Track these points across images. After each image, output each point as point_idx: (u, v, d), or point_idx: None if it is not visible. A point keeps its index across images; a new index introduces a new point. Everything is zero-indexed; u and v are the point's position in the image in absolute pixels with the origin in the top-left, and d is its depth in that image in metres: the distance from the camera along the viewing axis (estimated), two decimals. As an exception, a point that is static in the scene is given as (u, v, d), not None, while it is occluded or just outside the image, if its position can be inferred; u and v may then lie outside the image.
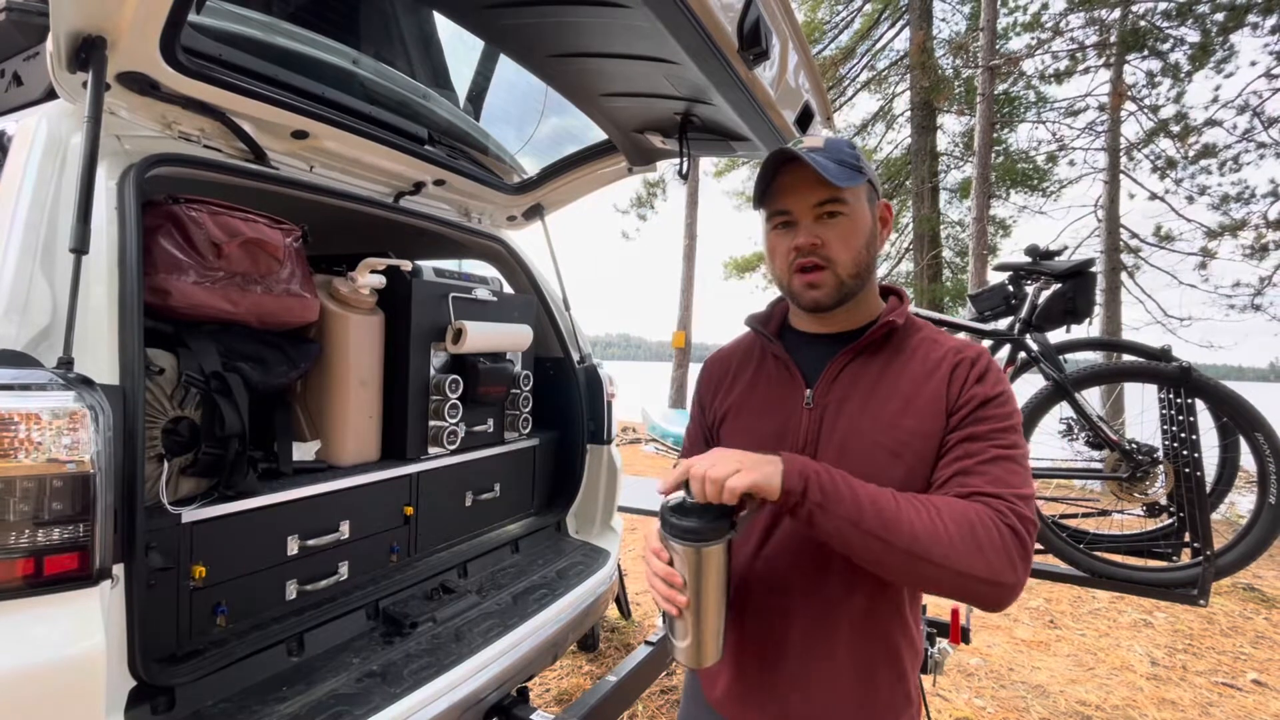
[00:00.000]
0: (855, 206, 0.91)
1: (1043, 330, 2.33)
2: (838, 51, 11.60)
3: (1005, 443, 0.83)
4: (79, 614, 0.98)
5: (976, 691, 2.83)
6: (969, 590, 0.76)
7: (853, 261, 0.91)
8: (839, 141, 0.92)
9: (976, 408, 0.85)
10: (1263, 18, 8.48)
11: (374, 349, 1.87)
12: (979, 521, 0.76)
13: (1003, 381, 0.88)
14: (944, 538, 0.74)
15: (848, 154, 0.90)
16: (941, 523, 0.75)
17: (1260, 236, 9.17)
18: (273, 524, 1.51)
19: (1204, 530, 1.94)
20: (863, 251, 0.91)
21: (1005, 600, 0.77)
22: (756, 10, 1.34)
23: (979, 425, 0.84)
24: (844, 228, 0.90)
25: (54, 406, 0.97)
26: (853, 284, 0.92)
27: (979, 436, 0.83)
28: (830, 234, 0.90)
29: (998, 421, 0.84)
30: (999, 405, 0.85)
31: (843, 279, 0.91)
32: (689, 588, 0.81)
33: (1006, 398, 0.86)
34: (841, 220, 0.90)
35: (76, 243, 1.06)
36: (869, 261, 0.93)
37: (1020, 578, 0.76)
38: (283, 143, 1.69)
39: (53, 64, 1.17)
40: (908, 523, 0.75)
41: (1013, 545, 0.76)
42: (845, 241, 0.90)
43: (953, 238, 11.80)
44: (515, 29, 1.64)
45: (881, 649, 0.90)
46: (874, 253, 0.94)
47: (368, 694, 1.39)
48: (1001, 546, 0.75)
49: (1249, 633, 3.60)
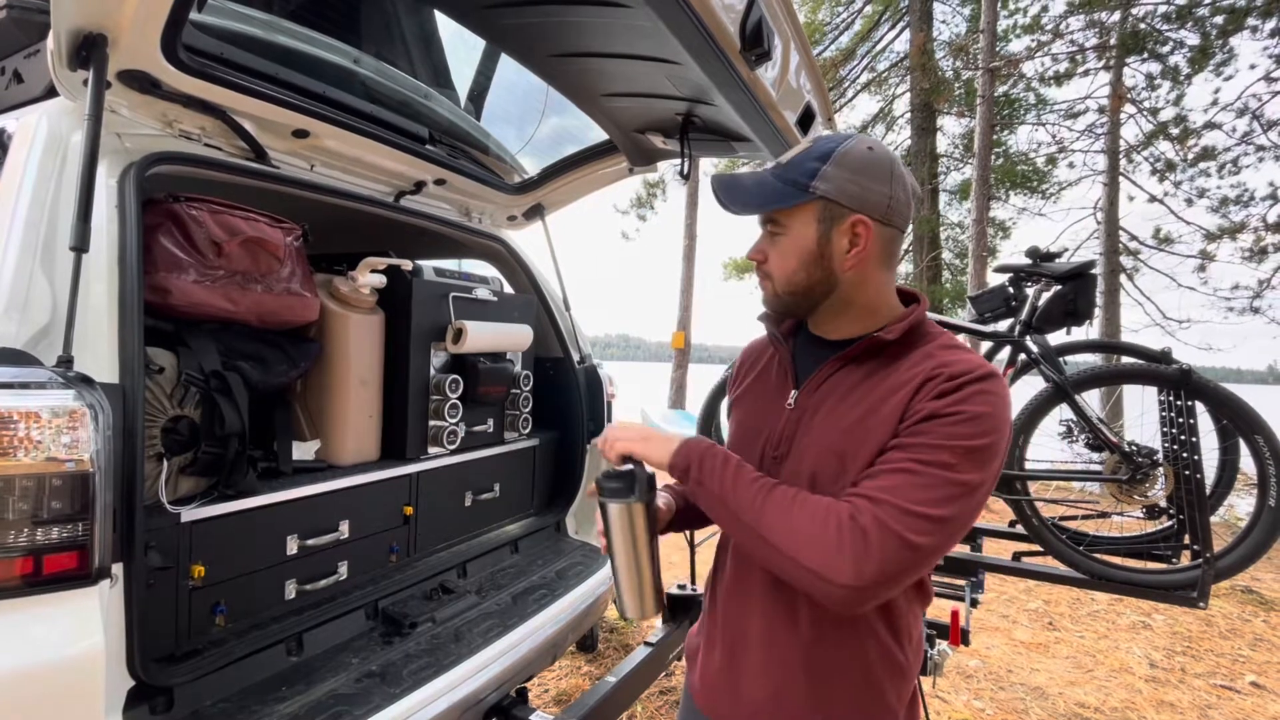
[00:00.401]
0: (791, 227, 0.91)
1: (1043, 332, 2.33)
2: (838, 53, 11.60)
3: (927, 458, 0.77)
4: (78, 613, 0.98)
5: (975, 693, 2.83)
6: (804, 581, 0.78)
7: (786, 280, 0.93)
8: (811, 153, 0.90)
9: (920, 420, 0.80)
10: (1262, 21, 8.50)
11: (374, 348, 1.87)
12: (829, 517, 0.77)
13: (972, 403, 0.79)
14: (788, 526, 0.78)
15: (805, 169, 0.88)
16: (794, 512, 0.79)
17: (1259, 239, 9.19)
18: (272, 523, 1.51)
19: (1204, 532, 1.94)
20: (799, 271, 0.91)
21: (840, 598, 0.76)
22: (759, 11, 1.34)
23: (913, 438, 0.80)
24: (781, 247, 0.93)
25: (54, 405, 0.97)
26: (790, 300, 0.94)
27: (904, 447, 0.80)
28: (772, 250, 0.94)
29: (935, 438, 0.78)
30: (948, 423, 0.78)
31: (779, 293, 0.94)
32: (605, 538, 0.95)
33: (965, 417, 0.78)
34: (780, 239, 0.93)
35: (77, 241, 1.06)
36: (810, 282, 0.91)
37: (857, 580, 0.74)
38: (284, 141, 1.69)
39: (53, 61, 1.17)
40: (766, 509, 0.80)
41: (854, 545, 0.74)
42: (781, 260, 0.93)
43: (952, 239, 11.81)
44: (517, 28, 1.64)
45: (844, 653, 0.89)
46: (821, 273, 0.91)
47: (367, 694, 1.38)
48: (839, 543, 0.75)
49: (1247, 635, 3.61)
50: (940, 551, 0.78)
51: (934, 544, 0.76)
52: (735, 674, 0.96)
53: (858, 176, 0.89)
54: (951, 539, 0.78)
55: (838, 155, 0.89)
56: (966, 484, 0.76)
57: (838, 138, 0.92)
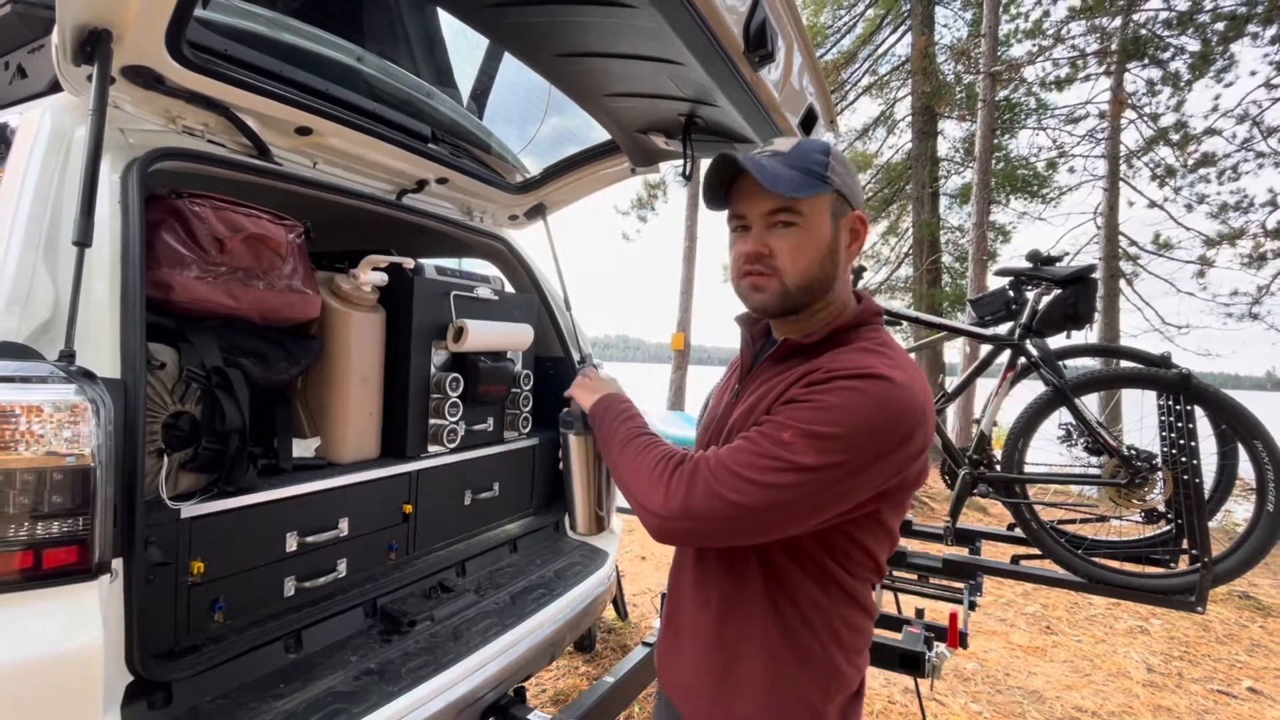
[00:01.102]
0: (811, 217, 0.88)
1: (1043, 336, 2.33)
2: (840, 56, 11.60)
3: (767, 432, 0.82)
4: (77, 608, 0.98)
5: (973, 696, 2.83)
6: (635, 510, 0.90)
7: (801, 274, 0.89)
8: (811, 146, 0.90)
9: (781, 404, 0.85)
10: (1263, 28, 8.53)
11: (375, 346, 1.87)
12: (667, 461, 0.89)
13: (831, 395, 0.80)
14: (636, 464, 0.92)
15: (816, 160, 0.88)
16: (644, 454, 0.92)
17: (1258, 245, 9.20)
18: (272, 520, 1.50)
19: (1202, 537, 1.94)
20: (815, 265, 0.89)
21: (650, 524, 0.87)
22: (763, 12, 1.35)
23: (769, 417, 0.85)
24: (795, 239, 0.89)
25: (55, 399, 0.97)
26: (800, 295, 0.91)
27: (760, 423, 0.86)
28: (780, 244, 0.89)
29: (783, 417, 0.82)
30: (799, 408, 0.81)
31: (789, 289, 0.90)
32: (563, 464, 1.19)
33: (817, 405, 0.80)
34: (794, 230, 0.89)
35: (80, 236, 1.06)
36: (822, 276, 0.91)
37: (663, 509, 0.85)
38: (286, 139, 1.69)
39: (58, 57, 1.17)
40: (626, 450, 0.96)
41: (673, 482, 0.85)
42: (795, 253, 0.89)
43: (952, 243, 11.81)
44: (522, 28, 1.64)
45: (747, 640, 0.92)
46: (831, 267, 0.91)
47: (365, 692, 1.38)
48: (663, 479, 0.86)
49: (1245, 640, 3.61)
50: (760, 516, 0.81)
51: (751, 505, 0.80)
52: (677, 648, 1.03)
53: (850, 174, 0.92)
54: (776, 509, 0.80)
55: (834, 151, 0.91)
56: (798, 464, 0.78)
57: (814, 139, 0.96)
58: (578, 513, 1.19)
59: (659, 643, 1.11)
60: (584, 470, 1.16)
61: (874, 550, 0.91)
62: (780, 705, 0.90)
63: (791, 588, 0.90)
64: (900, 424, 0.80)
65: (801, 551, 0.89)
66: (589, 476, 1.16)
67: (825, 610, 0.90)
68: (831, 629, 0.91)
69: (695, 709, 0.97)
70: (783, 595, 0.90)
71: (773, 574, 0.91)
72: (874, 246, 12.83)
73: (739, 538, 0.86)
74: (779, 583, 0.91)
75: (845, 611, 0.92)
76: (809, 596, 0.90)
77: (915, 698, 2.38)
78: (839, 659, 0.91)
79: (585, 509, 1.18)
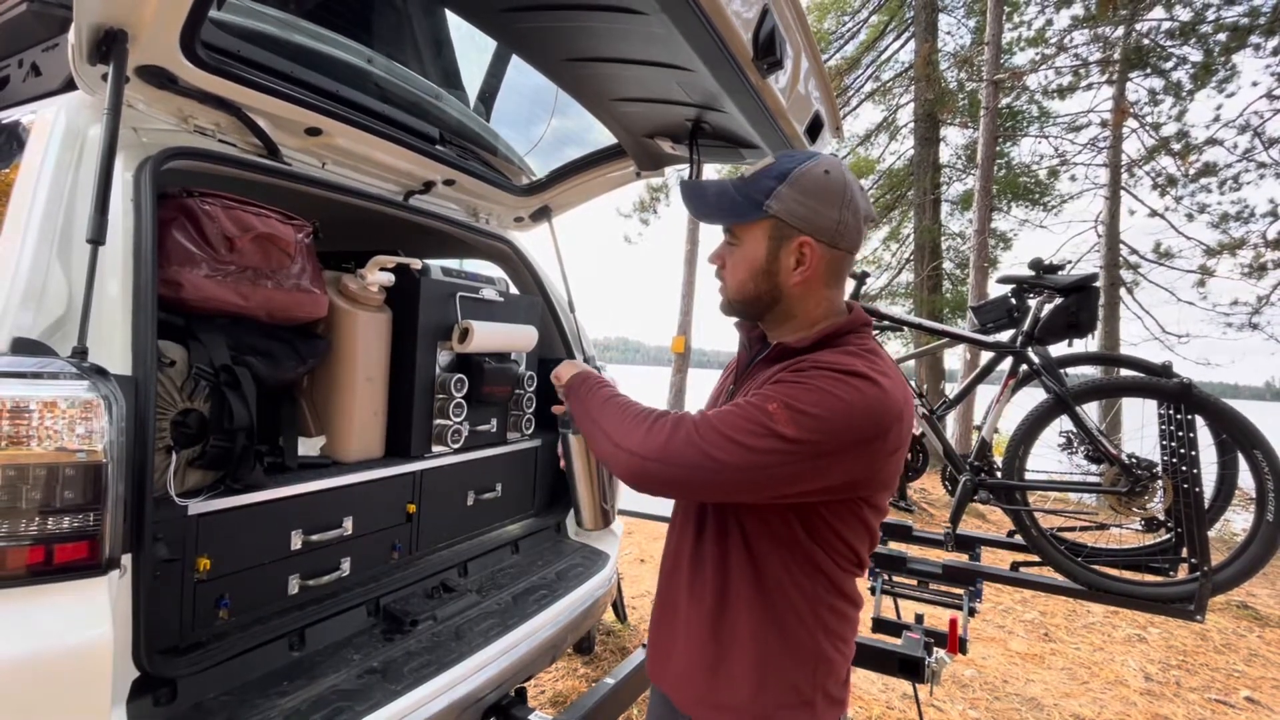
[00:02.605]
0: (745, 241, 0.99)
1: (1045, 344, 2.34)
2: (843, 62, 11.63)
3: (754, 401, 0.86)
4: (87, 603, 0.99)
5: (971, 703, 2.84)
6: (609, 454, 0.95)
7: (737, 289, 1.01)
8: (770, 171, 0.95)
9: (768, 382, 0.91)
10: (1265, 39, 8.54)
11: (381, 346, 1.88)
12: (649, 412, 0.94)
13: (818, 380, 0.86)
14: (614, 415, 0.97)
15: (763, 187, 0.94)
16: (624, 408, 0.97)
17: (1259, 255, 9.21)
18: (277, 518, 1.51)
19: (1202, 546, 1.95)
20: (748, 283, 0.99)
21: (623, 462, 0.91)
22: (772, 20, 1.36)
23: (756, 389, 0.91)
24: (735, 257, 1.01)
25: (68, 395, 0.98)
26: (739, 307, 1.03)
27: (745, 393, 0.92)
28: (728, 259, 1.02)
29: (769, 390, 0.88)
30: (785, 384, 0.88)
31: (729, 299, 1.04)
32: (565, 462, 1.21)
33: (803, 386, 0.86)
34: (734, 249, 1.01)
35: (94, 233, 1.07)
36: (757, 293, 0.99)
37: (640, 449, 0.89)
38: (296, 139, 1.70)
39: (73, 56, 1.18)
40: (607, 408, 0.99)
41: (656, 428, 0.89)
42: (732, 270, 1.02)
43: (953, 249, 11.82)
44: (531, 32, 1.66)
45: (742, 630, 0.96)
46: (769, 287, 0.98)
47: (368, 690, 1.39)
48: (647, 426, 0.90)
49: (1242, 650, 3.62)
50: (731, 474, 0.84)
51: (725, 461, 0.84)
52: (669, 643, 1.06)
53: (809, 199, 0.93)
54: (749, 472, 0.84)
55: (793, 176, 0.94)
56: (776, 432, 0.83)
57: (799, 157, 0.97)
58: (584, 508, 1.22)
59: (649, 633, 1.15)
60: (585, 466, 1.20)
61: (855, 545, 0.97)
62: (771, 692, 0.95)
63: (781, 578, 0.95)
64: (876, 419, 0.85)
65: (792, 542, 0.94)
66: (591, 472, 1.20)
67: (812, 599, 0.95)
68: (818, 616, 0.96)
69: (686, 697, 1.01)
70: (773, 586, 0.95)
71: (763, 566, 0.96)
72: (875, 252, 12.85)
73: (706, 492, 0.93)
74: (769, 574, 0.95)
75: (831, 599, 0.97)
76: (797, 586, 0.95)
77: (914, 703, 2.38)
78: (826, 645, 0.97)
79: (591, 504, 1.22)
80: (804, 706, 0.95)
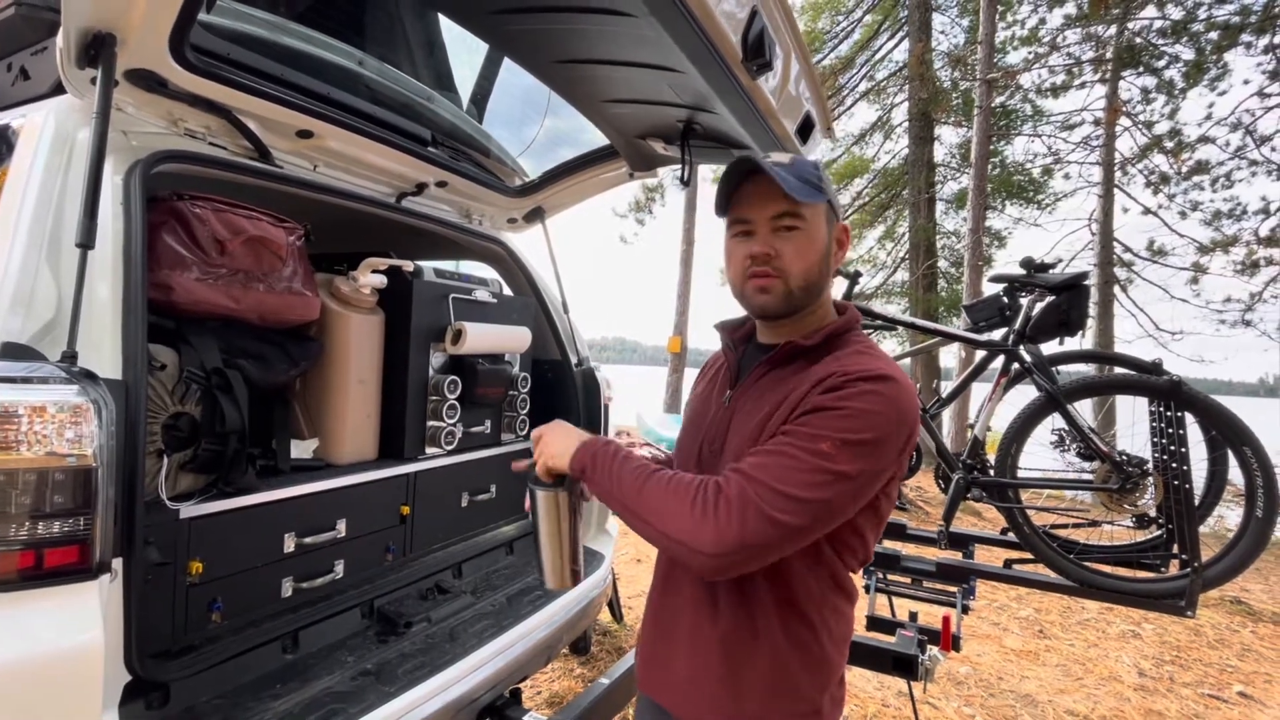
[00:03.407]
0: (812, 223, 0.94)
1: (1036, 342, 2.35)
2: (838, 61, 11.66)
3: (805, 445, 0.82)
4: (78, 607, 0.99)
5: (966, 700, 2.85)
6: (675, 551, 0.85)
7: (803, 275, 0.94)
8: (804, 161, 0.96)
9: (807, 412, 0.86)
10: (1256, 37, 8.60)
11: (374, 348, 1.88)
12: (697, 491, 0.84)
13: (857, 400, 0.84)
14: (661, 503, 0.85)
15: (811, 173, 0.93)
16: (667, 491, 0.85)
17: (1251, 253, 9.27)
18: (270, 521, 1.51)
19: (1192, 542, 1.96)
20: (815, 267, 0.95)
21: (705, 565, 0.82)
22: (761, 22, 1.36)
23: (797, 426, 0.86)
24: (799, 241, 0.94)
25: (58, 400, 0.98)
26: (801, 296, 0.96)
27: (787, 433, 0.86)
28: (785, 246, 0.94)
29: (815, 427, 0.83)
30: (831, 416, 0.84)
31: (792, 289, 0.95)
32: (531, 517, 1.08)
33: (848, 412, 0.83)
34: (797, 234, 0.94)
35: (83, 237, 1.07)
36: (820, 278, 0.97)
37: (719, 548, 0.80)
38: (287, 141, 1.70)
39: (62, 59, 1.18)
40: (644, 491, 0.87)
41: (718, 515, 0.80)
42: (799, 254, 0.94)
43: (948, 248, 11.86)
44: (522, 34, 1.66)
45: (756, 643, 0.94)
46: (827, 270, 0.98)
47: (362, 692, 1.39)
48: (704, 513, 0.81)
49: (1235, 645, 3.64)
50: (807, 532, 0.83)
51: (799, 524, 0.81)
52: (667, 655, 1.03)
53: (834, 190, 0.98)
54: (820, 522, 0.83)
55: (822, 167, 0.98)
56: (841, 473, 0.81)
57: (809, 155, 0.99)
58: (548, 569, 1.09)
59: (642, 644, 1.11)
60: (556, 526, 1.07)
61: (868, 537, 0.96)
62: (782, 700, 0.94)
63: (792, 581, 0.94)
64: (910, 419, 0.87)
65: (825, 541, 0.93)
66: (561, 532, 1.07)
67: (818, 601, 0.95)
68: (823, 619, 0.96)
69: (692, 708, 0.99)
70: (785, 589, 0.94)
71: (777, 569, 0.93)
72: (870, 251, 12.89)
73: (785, 552, 0.86)
74: (782, 578, 0.94)
75: (833, 598, 0.97)
76: (805, 587, 0.94)
77: (909, 701, 2.39)
78: (829, 649, 0.96)
79: (558, 565, 1.09)
80: (813, 715, 0.95)
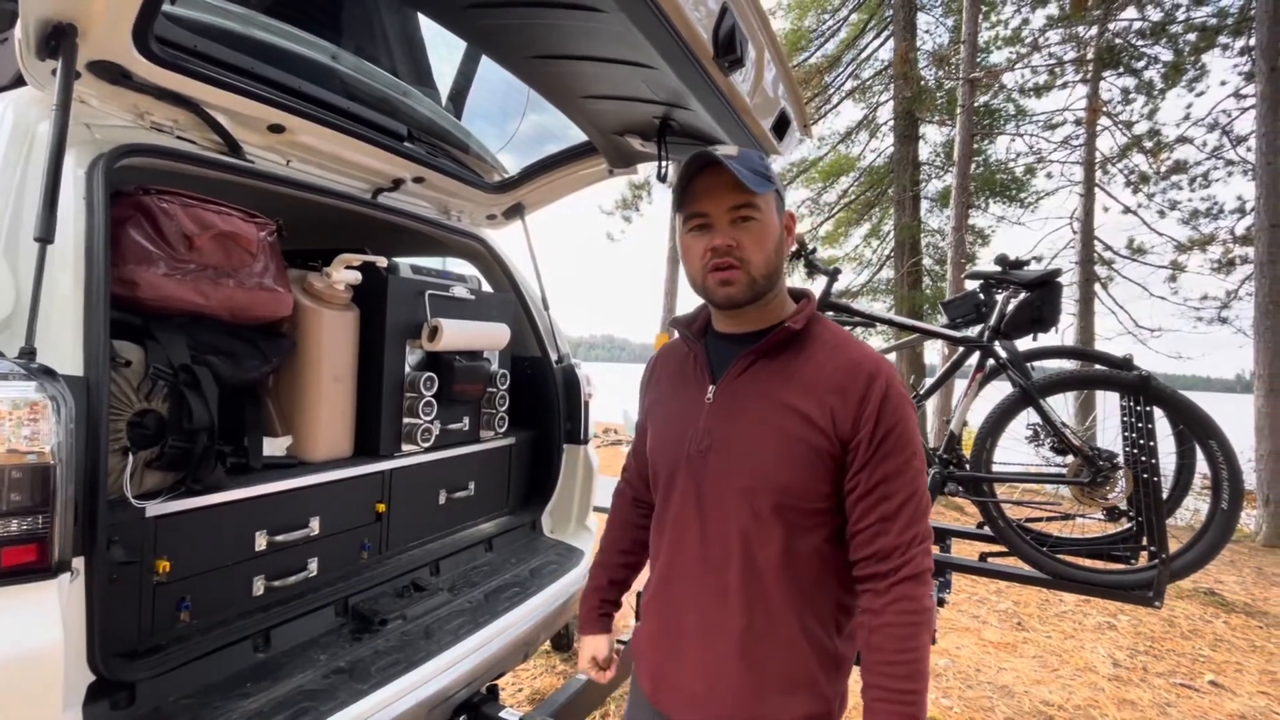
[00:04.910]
0: (766, 212, 0.97)
1: (1011, 338, 2.38)
2: (823, 60, 11.71)
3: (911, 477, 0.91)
4: (36, 607, 0.97)
5: (944, 692, 2.88)
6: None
7: (764, 262, 0.97)
8: (750, 153, 0.98)
9: (883, 439, 0.90)
10: (1233, 39, 8.75)
11: (348, 345, 1.86)
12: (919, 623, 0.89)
13: (899, 403, 0.92)
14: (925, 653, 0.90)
15: (759, 164, 0.96)
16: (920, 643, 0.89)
17: (1227, 251, 9.44)
18: (240, 519, 1.50)
19: (1160, 534, 2.00)
20: (773, 254, 0.98)
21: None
22: (732, 18, 1.37)
23: (889, 461, 0.91)
24: (756, 231, 0.96)
25: (14, 397, 0.97)
26: (764, 283, 0.98)
27: (892, 476, 0.91)
28: (744, 236, 0.96)
29: (902, 451, 0.91)
30: (901, 432, 0.91)
31: (755, 278, 0.97)
32: None
33: (905, 419, 0.91)
34: (754, 224, 0.96)
35: (41, 232, 1.05)
36: (778, 264, 1.00)
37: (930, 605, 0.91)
38: (259, 136, 1.68)
39: (21, 51, 1.16)
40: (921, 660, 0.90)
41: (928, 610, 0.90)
42: (758, 244, 0.96)
43: (933, 246, 11.95)
44: (496, 30, 1.65)
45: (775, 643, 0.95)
46: (782, 256, 1.01)
47: (334, 690, 1.38)
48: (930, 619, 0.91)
49: (1208, 636, 3.71)
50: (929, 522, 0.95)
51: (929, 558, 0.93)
52: (677, 667, 1.01)
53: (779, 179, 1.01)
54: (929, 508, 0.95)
55: (766, 157, 1.01)
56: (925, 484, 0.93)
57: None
58: None
59: (645, 650, 1.08)
60: None
61: None
62: (799, 701, 0.95)
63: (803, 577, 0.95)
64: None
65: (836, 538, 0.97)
66: None
67: (833, 597, 0.97)
68: (835, 618, 0.97)
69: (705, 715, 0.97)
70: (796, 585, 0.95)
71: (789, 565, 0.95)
72: (856, 249, 12.96)
73: None
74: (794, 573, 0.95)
75: (842, 596, 0.98)
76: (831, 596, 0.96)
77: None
78: (842, 647, 0.98)
79: None
80: (825, 715, 0.96)
